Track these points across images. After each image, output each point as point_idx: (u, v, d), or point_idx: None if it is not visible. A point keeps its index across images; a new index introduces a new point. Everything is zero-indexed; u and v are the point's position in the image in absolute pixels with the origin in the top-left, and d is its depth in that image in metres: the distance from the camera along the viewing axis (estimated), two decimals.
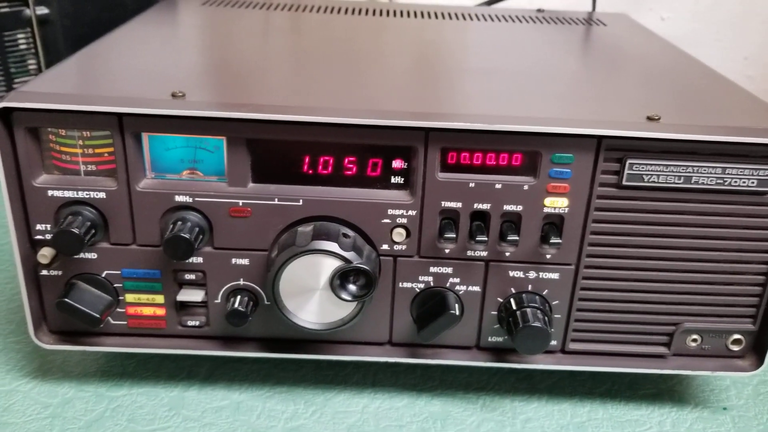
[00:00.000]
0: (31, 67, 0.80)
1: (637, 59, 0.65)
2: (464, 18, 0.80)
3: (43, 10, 0.78)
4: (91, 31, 0.80)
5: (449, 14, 0.81)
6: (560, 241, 0.48)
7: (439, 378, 0.57)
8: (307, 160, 0.48)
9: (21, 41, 0.79)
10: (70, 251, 0.46)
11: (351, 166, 0.48)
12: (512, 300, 0.50)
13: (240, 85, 0.51)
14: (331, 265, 0.46)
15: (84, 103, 0.44)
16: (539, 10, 0.84)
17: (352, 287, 0.47)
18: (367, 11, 0.81)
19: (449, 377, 0.57)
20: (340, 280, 0.46)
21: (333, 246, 0.46)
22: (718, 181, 0.47)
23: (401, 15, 0.80)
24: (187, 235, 0.46)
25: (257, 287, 0.50)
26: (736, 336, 0.52)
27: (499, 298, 0.51)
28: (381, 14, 0.80)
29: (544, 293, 0.50)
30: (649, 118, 0.47)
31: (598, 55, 0.67)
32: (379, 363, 0.57)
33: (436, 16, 0.80)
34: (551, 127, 0.45)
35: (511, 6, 0.94)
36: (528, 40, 0.71)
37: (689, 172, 0.47)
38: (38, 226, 0.48)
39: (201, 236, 0.47)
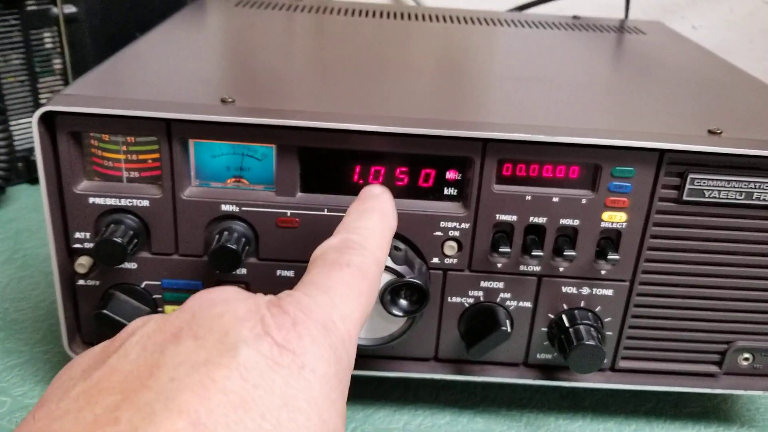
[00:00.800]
0: (56, 66, 0.78)
1: (684, 70, 0.64)
2: (495, 23, 0.78)
3: (70, 9, 0.76)
4: (118, 30, 0.79)
5: (479, 19, 0.80)
6: (618, 257, 0.46)
7: (481, 394, 0.55)
8: (358, 169, 0.46)
9: (47, 40, 0.77)
10: (113, 261, 0.45)
11: (403, 176, 0.46)
12: (564, 317, 0.49)
13: (287, 91, 0.50)
14: (382, 278, 0.45)
15: (132, 107, 0.43)
16: (575, 17, 0.83)
17: (403, 302, 0.45)
18: (394, 14, 0.79)
19: (491, 394, 0.56)
20: (391, 294, 0.45)
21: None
22: None
23: (429, 19, 0.79)
24: (234, 246, 0.45)
25: None
26: None
27: (550, 314, 0.49)
28: (409, 18, 0.78)
29: (596, 310, 0.49)
30: (711, 132, 0.46)
31: (643, 64, 0.65)
32: (421, 378, 0.56)
33: (465, 21, 0.78)
34: (613, 139, 0.44)
35: (543, 12, 0.93)
36: (569, 48, 0.70)
37: (751, 187, 0.46)
38: (77, 234, 0.46)
39: (247, 247, 0.46)
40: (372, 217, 0.40)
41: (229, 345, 0.28)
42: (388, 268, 0.44)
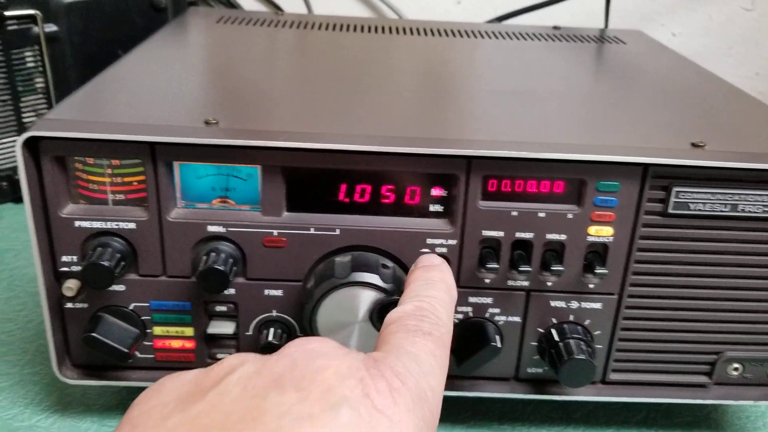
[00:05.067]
0: (38, 85, 0.78)
1: (665, 80, 0.64)
2: (476, 36, 0.78)
3: (51, 28, 0.76)
4: (100, 48, 0.79)
5: (460, 32, 0.79)
6: (606, 271, 0.46)
7: (472, 408, 0.55)
8: (343, 188, 0.46)
9: (29, 59, 0.76)
10: (101, 284, 0.44)
11: (389, 194, 0.46)
12: (554, 331, 0.49)
13: (270, 110, 0.50)
14: (371, 296, 0.45)
15: (116, 131, 0.43)
16: (555, 28, 0.83)
17: None
18: (376, 28, 0.79)
19: (482, 408, 0.55)
20: (379, 312, 0.45)
21: (374, 278, 0.44)
22: (765, 209, 0.46)
23: (411, 32, 0.78)
24: (222, 267, 0.44)
25: (290, 319, 0.49)
26: None
27: (539, 329, 0.49)
28: (391, 31, 0.78)
29: (586, 323, 0.49)
30: (694, 145, 0.46)
31: (624, 75, 0.66)
32: None
33: (447, 34, 0.78)
34: (598, 155, 0.44)
35: (522, 23, 0.93)
36: (550, 60, 0.70)
37: (736, 199, 0.46)
38: (64, 258, 0.46)
39: (234, 267, 0.46)
40: (439, 287, 0.40)
41: (333, 402, 0.28)
42: (377, 287, 0.44)
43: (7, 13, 0.72)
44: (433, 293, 0.39)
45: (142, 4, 0.80)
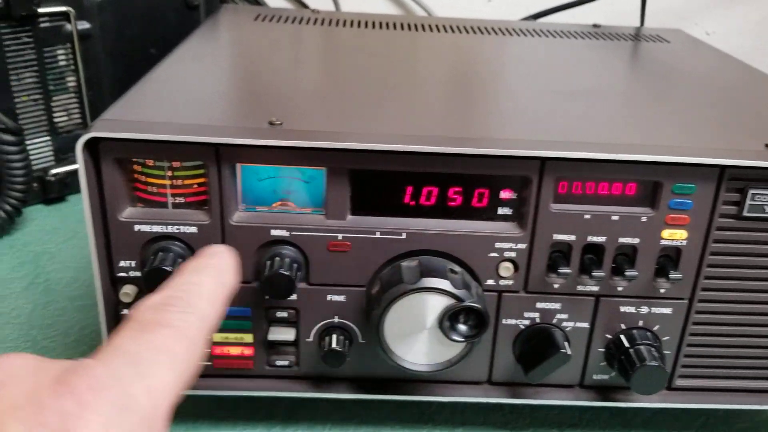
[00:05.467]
0: (70, 84, 0.77)
1: (720, 80, 0.63)
2: (511, 33, 0.77)
3: (84, 25, 0.75)
4: (132, 46, 0.77)
5: (495, 29, 0.78)
6: (680, 276, 0.45)
7: (530, 415, 0.54)
8: (409, 190, 0.45)
9: (61, 57, 0.75)
10: None
11: (456, 196, 0.45)
12: (623, 337, 0.47)
13: (330, 110, 0.48)
14: (440, 302, 0.43)
15: (180, 132, 0.41)
16: (595, 26, 0.82)
17: (462, 327, 0.44)
18: (402, 26, 0.77)
19: (540, 414, 0.54)
20: (450, 320, 0.43)
21: (444, 284, 0.43)
22: None
23: (447, 30, 0.77)
24: (287, 273, 0.43)
25: (352, 324, 0.47)
26: None
27: (607, 335, 0.48)
28: (425, 29, 0.77)
29: (655, 329, 0.48)
30: None
31: (676, 75, 0.64)
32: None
33: (484, 32, 0.77)
34: (675, 156, 0.43)
35: (558, 21, 0.92)
36: (596, 58, 0.69)
37: None
38: (121, 263, 0.45)
39: (299, 272, 0.44)
40: (207, 272, 0.34)
41: None
42: (447, 293, 0.43)
43: (41, 10, 0.70)
44: (195, 279, 0.33)
45: (175, 2, 0.79)
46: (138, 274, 0.45)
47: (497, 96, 0.54)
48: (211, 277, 0.34)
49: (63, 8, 0.72)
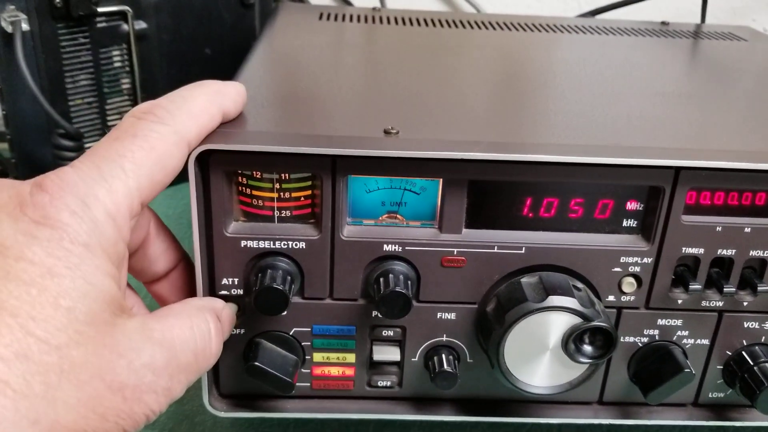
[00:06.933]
0: (124, 86, 0.74)
1: None
2: (569, 31, 0.74)
3: (141, 25, 0.72)
4: (187, 47, 0.75)
5: (550, 26, 0.75)
6: None
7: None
8: (528, 202, 0.42)
9: (116, 59, 0.72)
10: (274, 310, 0.40)
11: (577, 208, 0.42)
12: (745, 353, 0.45)
13: (442, 117, 0.45)
14: (565, 322, 0.41)
15: (296, 143, 0.39)
16: (663, 23, 0.79)
17: (587, 348, 0.42)
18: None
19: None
20: (575, 341, 0.41)
21: (572, 302, 0.40)
22: None
23: (499, 28, 0.74)
24: (404, 291, 0.41)
25: (461, 344, 0.45)
26: None
27: (728, 351, 0.46)
28: (487, 27, 0.74)
29: None
30: None
31: None
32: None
33: (538, 29, 0.74)
34: None
35: (616, 18, 0.89)
36: (684, 58, 0.66)
37: None
38: (224, 281, 0.42)
39: (411, 289, 0.42)
40: (202, 89, 0.37)
41: None
42: (574, 311, 0.40)
43: (100, 9, 0.67)
44: (188, 93, 0.37)
45: (230, 1, 0.76)
46: (239, 291, 0.42)
47: (602, 100, 0.51)
48: (206, 95, 0.37)
49: (121, 8, 0.70)
